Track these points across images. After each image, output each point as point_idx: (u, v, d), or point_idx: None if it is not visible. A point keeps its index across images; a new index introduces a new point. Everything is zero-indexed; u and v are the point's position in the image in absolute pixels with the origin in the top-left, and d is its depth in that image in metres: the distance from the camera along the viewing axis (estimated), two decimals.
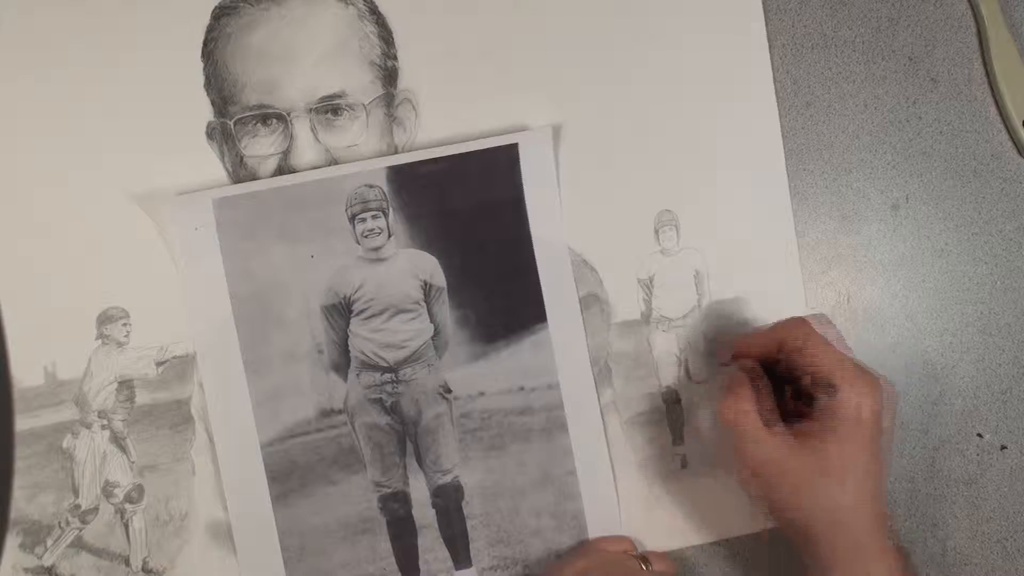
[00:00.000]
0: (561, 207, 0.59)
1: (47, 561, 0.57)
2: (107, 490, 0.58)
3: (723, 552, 0.59)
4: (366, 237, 0.58)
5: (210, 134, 0.59)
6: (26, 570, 0.57)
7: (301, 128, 0.58)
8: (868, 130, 0.61)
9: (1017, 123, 0.60)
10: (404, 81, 0.59)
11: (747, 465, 0.50)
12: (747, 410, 0.50)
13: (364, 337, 0.58)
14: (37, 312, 0.58)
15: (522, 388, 0.59)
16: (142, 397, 0.58)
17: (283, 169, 0.58)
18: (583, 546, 0.58)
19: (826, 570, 0.49)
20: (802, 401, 0.52)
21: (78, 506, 0.57)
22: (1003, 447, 0.60)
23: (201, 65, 0.58)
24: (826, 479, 0.49)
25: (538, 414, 0.58)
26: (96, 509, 0.57)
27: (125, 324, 0.58)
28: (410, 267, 0.58)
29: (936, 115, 0.61)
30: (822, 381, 0.50)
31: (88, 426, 0.58)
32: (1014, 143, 0.61)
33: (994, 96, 0.61)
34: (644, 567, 0.55)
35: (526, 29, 0.60)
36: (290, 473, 0.58)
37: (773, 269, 0.60)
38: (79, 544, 0.57)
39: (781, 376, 0.53)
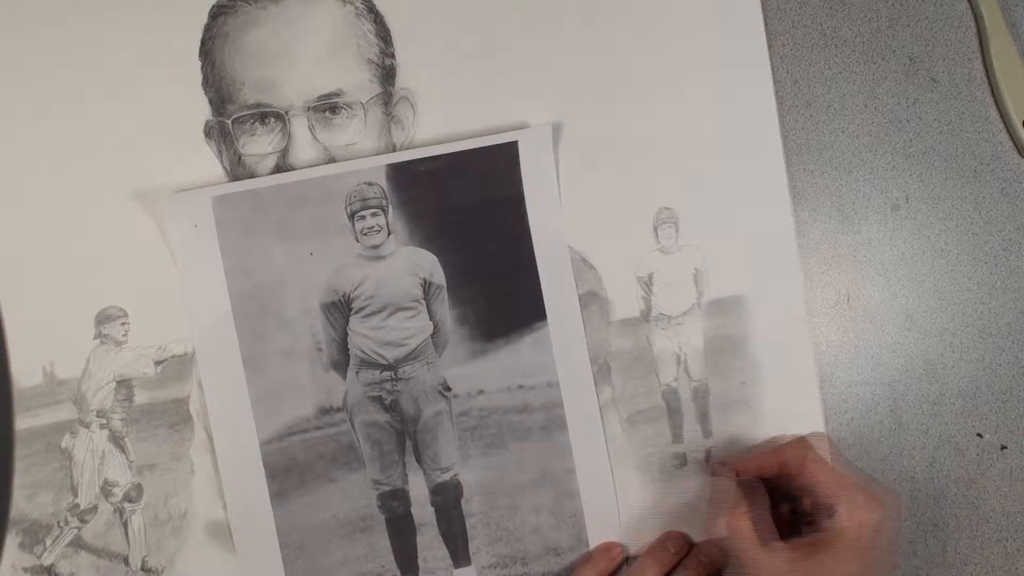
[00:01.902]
0: (560, 205, 0.59)
1: (46, 560, 0.57)
2: (106, 489, 0.58)
3: (724, 547, 0.59)
4: (365, 235, 0.58)
5: (208, 133, 0.59)
6: (25, 569, 0.57)
7: (299, 127, 0.58)
8: (868, 130, 0.61)
9: (1017, 123, 0.60)
10: (402, 79, 0.59)
11: None
12: (743, 527, 0.51)
13: (363, 335, 0.58)
14: (35, 311, 0.58)
15: (521, 386, 0.59)
16: (141, 396, 0.58)
17: (281, 168, 0.58)
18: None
19: None
20: (800, 516, 0.53)
21: (77, 505, 0.57)
22: (1003, 447, 0.60)
23: (199, 64, 0.58)
24: None
25: (537, 412, 0.58)
26: (95, 508, 0.58)
27: (124, 323, 0.58)
28: (409, 265, 0.58)
29: (936, 115, 0.61)
30: (822, 501, 0.50)
31: (87, 425, 0.58)
32: (1014, 143, 0.60)
33: (994, 96, 0.61)
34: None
35: (525, 27, 0.60)
36: (289, 471, 0.58)
37: (773, 268, 0.60)
38: (78, 543, 0.57)
39: (779, 491, 0.54)
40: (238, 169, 0.58)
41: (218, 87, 0.58)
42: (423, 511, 0.58)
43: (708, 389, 0.59)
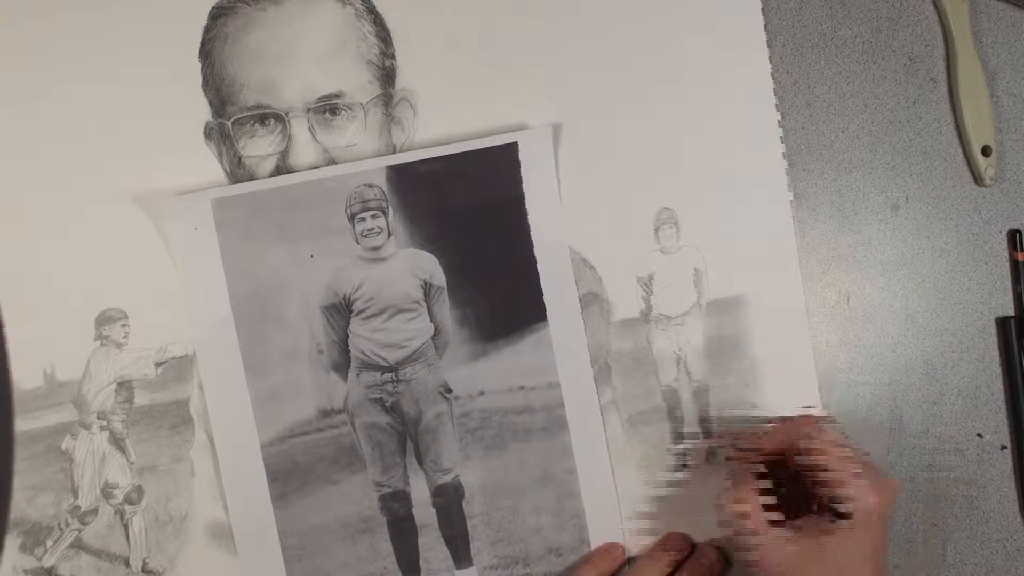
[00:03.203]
0: (561, 206, 0.59)
1: (47, 562, 0.57)
2: (107, 491, 0.58)
3: (724, 549, 0.59)
4: (366, 237, 0.58)
5: (208, 134, 0.58)
6: (26, 571, 0.57)
7: (299, 128, 0.58)
8: (868, 130, 0.61)
9: (976, 150, 0.60)
10: (402, 80, 0.59)
11: (750, 561, 0.50)
12: (750, 509, 0.50)
13: (364, 337, 0.58)
14: (36, 313, 0.58)
15: (522, 387, 0.59)
16: (141, 398, 0.58)
17: (281, 169, 0.58)
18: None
19: None
20: (805, 497, 0.52)
21: (78, 507, 0.57)
22: (1003, 447, 0.60)
23: (199, 65, 0.58)
24: (840, 574, 0.49)
25: (538, 413, 0.58)
26: (96, 510, 0.57)
27: (124, 325, 0.58)
28: (410, 266, 0.58)
29: (936, 115, 0.61)
30: (829, 482, 0.50)
31: (87, 427, 0.58)
32: (971, 171, 0.60)
33: (956, 123, 0.61)
34: None
35: (525, 28, 0.60)
36: (290, 473, 0.58)
37: (773, 268, 0.60)
38: (79, 545, 0.57)
39: (785, 471, 0.54)
40: (238, 171, 0.58)
41: (218, 88, 0.58)
42: (424, 512, 0.58)
43: (708, 389, 0.59)
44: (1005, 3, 0.61)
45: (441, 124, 0.59)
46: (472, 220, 0.58)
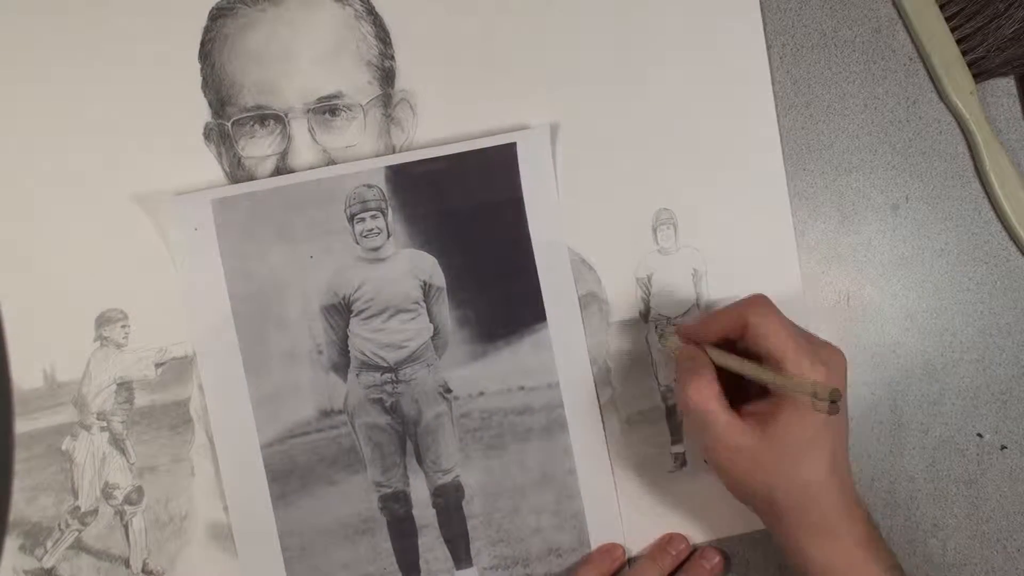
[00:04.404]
0: (560, 206, 0.59)
1: (47, 563, 0.57)
2: (107, 492, 0.58)
3: (723, 550, 0.59)
4: (365, 237, 0.58)
5: (208, 135, 0.58)
6: (26, 572, 0.57)
7: (299, 129, 0.58)
8: (868, 130, 0.61)
9: (1019, 229, 0.60)
10: (401, 81, 0.59)
11: (713, 448, 0.50)
12: (710, 395, 0.49)
13: (364, 337, 0.58)
14: (36, 314, 0.58)
15: (522, 387, 0.59)
16: (141, 399, 0.58)
17: (281, 170, 0.58)
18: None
19: (798, 546, 0.49)
20: (742, 386, 0.52)
21: (78, 508, 0.57)
22: (1003, 447, 0.60)
23: (198, 66, 0.58)
24: (791, 458, 0.48)
25: (538, 413, 0.58)
26: (96, 511, 0.57)
27: (124, 326, 0.58)
28: (409, 267, 0.58)
29: (936, 115, 0.61)
30: (774, 363, 0.49)
31: (87, 428, 0.58)
32: (1016, 245, 0.61)
33: (991, 202, 0.61)
34: None
35: (523, 29, 0.60)
36: (290, 473, 0.58)
37: (772, 269, 0.60)
38: (79, 546, 0.57)
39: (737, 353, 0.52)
40: (238, 171, 0.58)
41: (218, 89, 0.58)
42: (424, 513, 0.58)
43: None
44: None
45: (440, 125, 0.59)
46: (471, 220, 0.58)
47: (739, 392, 0.52)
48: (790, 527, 0.49)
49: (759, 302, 0.51)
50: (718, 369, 0.51)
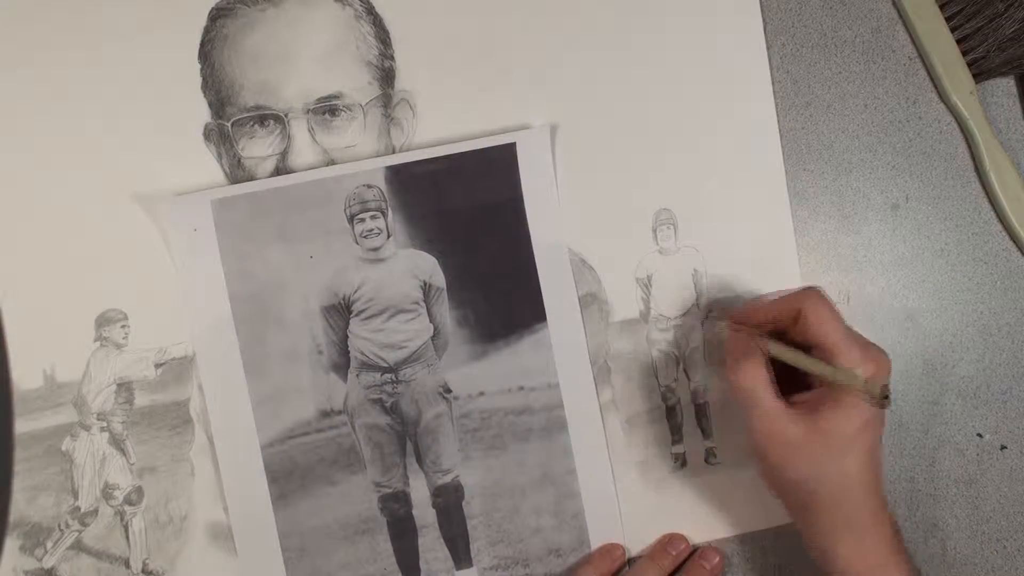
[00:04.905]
0: (559, 206, 0.59)
1: (47, 563, 0.57)
2: (107, 492, 0.58)
3: (723, 550, 0.59)
4: (365, 237, 0.58)
5: (208, 136, 0.58)
6: (26, 572, 0.57)
7: (299, 129, 0.58)
8: (868, 130, 0.61)
9: (1020, 231, 0.60)
10: (401, 82, 0.59)
11: (757, 431, 0.50)
12: (760, 382, 0.50)
13: (364, 337, 0.58)
14: (36, 314, 0.58)
15: (522, 388, 0.59)
16: (141, 399, 0.58)
17: (281, 170, 0.58)
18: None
19: (826, 541, 0.50)
20: (790, 376, 0.52)
21: (78, 508, 0.57)
22: (1003, 447, 0.60)
23: (198, 67, 0.58)
24: (834, 449, 0.49)
25: (538, 414, 0.58)
26: (96, 511, 0.58)
27: (124, 326, 0.58)
28: (409, 267, 0.58)
29: (936, 115, 0.61)
30: (824, 354, 0.49)
31: (87, 428, 0.58)
32: (1015, 244, 0.61)
33: (992, 206, 0.61)
34: None
35: (523, 29, 0.60)
36: (290, 474, 0.58)
37: (772, 269, 0.60)
38: (79, 546, 0.57)
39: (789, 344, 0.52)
40: (238, 172, 0.58)
41: (217, 90, 0.58)
42: (424, 513, 0.58)
43: (707, 389, 0.59)
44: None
45: (440, 125, 0.59)
46: (471, 221, 0.58)
47: (785, 386, 0.52)
48: (821, 521, 0.50)
49: (814, 293, 0.51)
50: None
